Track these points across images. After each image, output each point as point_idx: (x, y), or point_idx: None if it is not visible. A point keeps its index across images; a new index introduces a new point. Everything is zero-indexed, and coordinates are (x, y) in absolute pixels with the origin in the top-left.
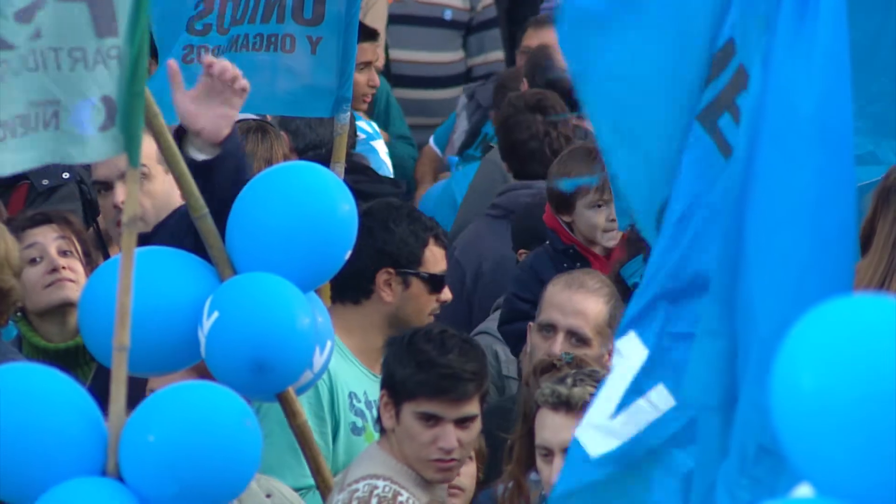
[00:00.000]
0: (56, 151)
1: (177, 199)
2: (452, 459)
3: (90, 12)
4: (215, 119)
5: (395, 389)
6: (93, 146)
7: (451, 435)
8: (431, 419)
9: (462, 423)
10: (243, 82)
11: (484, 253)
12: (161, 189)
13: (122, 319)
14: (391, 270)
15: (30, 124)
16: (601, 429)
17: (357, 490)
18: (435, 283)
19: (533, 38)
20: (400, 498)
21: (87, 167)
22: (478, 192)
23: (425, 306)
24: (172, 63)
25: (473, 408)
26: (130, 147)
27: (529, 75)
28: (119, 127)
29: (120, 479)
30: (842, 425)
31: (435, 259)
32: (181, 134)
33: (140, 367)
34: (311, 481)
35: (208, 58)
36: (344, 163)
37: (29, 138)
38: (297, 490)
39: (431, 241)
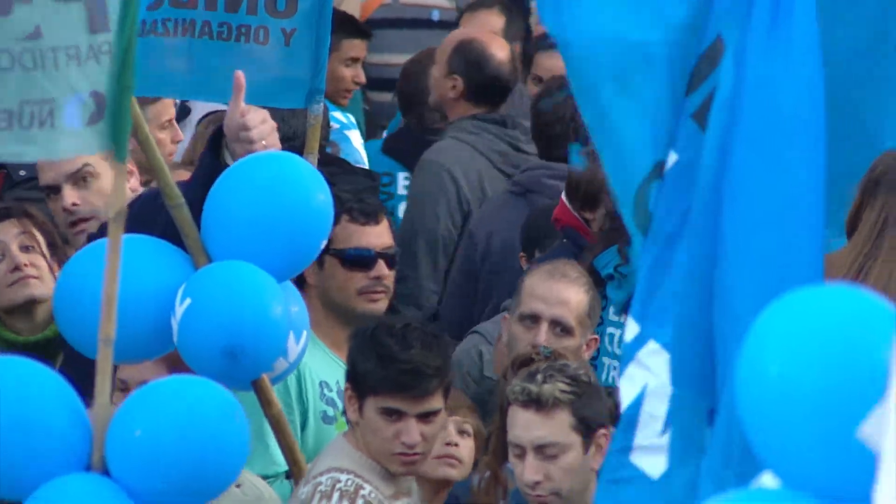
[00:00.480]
0: (54, 149)
1: (127, 192)
2: (416, 453)
3: (86, 9)
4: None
5: (358, 383)
6: (82, 140)
7: (413, 430)
8: (394, 414)
9: (425, 417)
10: (258, 143)
11: (496, 229)
12: (110, 185)
13: (108, 312)
14: None
15: (22, 122)
16: (653, 448)
17: (320, 483)
18: (348, 259)
19: (468, 23)
20: (362, 491)
21: None
22: (425, 194)
23: (347, 284)
24: (239, 74)
25: (436, 402)
26: (117, 141)
27: (461, 70)
28: (106, 121)
29: (106, 473)
30: (806, 414)
31: (347, 236)
32: (219, 133)
33: (115, 354)
34: (279, 469)
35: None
36: (317, 154)
37: (15, 133)
38: (264, 478)
39: (344, 217)
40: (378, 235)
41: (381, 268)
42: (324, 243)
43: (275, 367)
